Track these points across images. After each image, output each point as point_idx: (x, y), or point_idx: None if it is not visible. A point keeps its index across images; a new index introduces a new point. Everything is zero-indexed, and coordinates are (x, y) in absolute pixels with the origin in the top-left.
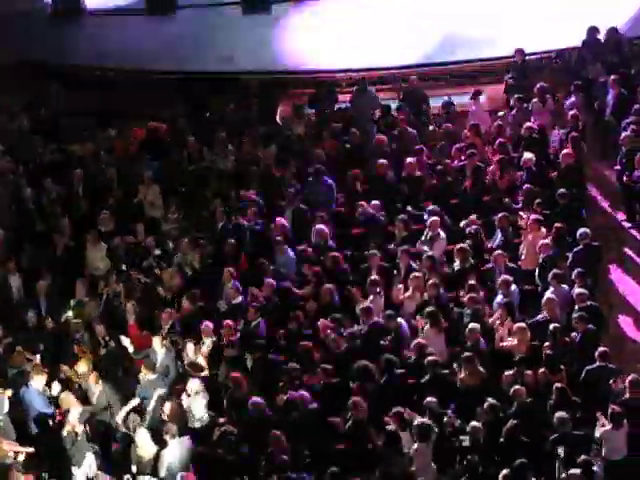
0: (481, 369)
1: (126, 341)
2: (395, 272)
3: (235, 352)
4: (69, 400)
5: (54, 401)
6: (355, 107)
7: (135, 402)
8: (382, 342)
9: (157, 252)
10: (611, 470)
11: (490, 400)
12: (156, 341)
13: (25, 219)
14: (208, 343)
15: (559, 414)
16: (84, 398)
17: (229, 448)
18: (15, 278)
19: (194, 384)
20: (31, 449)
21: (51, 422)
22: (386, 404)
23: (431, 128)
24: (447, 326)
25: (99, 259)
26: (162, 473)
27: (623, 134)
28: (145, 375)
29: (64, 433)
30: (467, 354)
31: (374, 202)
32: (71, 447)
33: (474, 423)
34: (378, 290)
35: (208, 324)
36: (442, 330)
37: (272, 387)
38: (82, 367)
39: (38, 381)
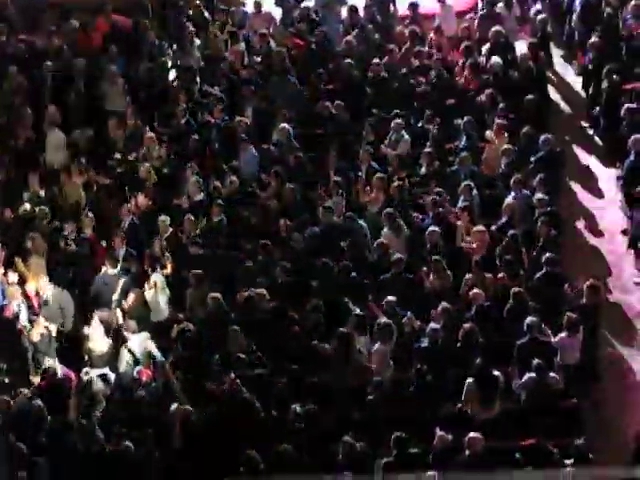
0: (448, 272)
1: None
2: (359, 174)
3: (198, 250)
4: (15, 294)
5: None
6: (321, 5)
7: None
8: (342, 243)
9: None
10: (566, 374)
11: (444, 304)
12: (118, 240)
13: None
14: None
15: (529, 319)
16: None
17: (187, 345)
18: None
19: (157, 278)
20: None
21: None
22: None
23: (398, 29)
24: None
25: (57, 150)
26: (121, 368)
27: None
28: (107, 270)
29: (36, 337)
30: (436, 257)
31: (337, 102)
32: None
33: (433, 325)
34: (340, 191)
35: (165, 219)
36: (401, 234)
37: (233, 284)
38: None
39: None
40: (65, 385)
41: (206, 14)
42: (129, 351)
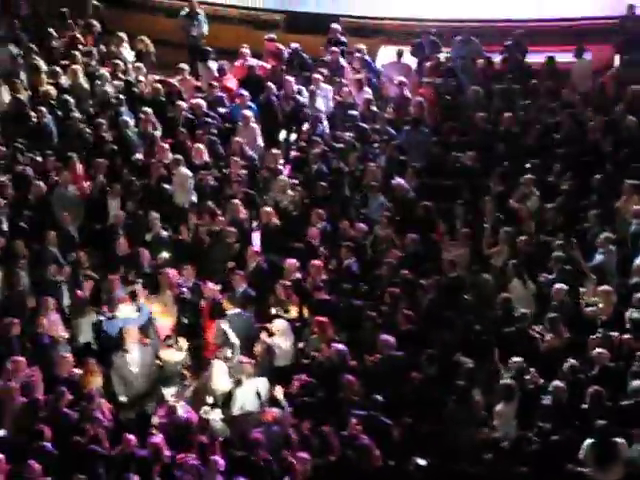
0: (565, 331)
1: None
2: (485, 226)
3: (323, 294)
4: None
5: None
6: (457, 57)
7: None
8: (465, 297)
9: None
10: None
11: (571, 361)
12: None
13: None
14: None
15: (636, 382)
16: None
17: (309, 392)
18: None
19: (280, 324)
20: None
21: None
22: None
23: (533, 82)
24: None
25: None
26: (234, 411)
27: None
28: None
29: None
30: (552, 315)
31: (469, 153)
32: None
33: (557, 382)
34: (467, 243)
35: (292, 262)
36: (526, 288)
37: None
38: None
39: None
40: (187, 424)
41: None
42: (257, 393)
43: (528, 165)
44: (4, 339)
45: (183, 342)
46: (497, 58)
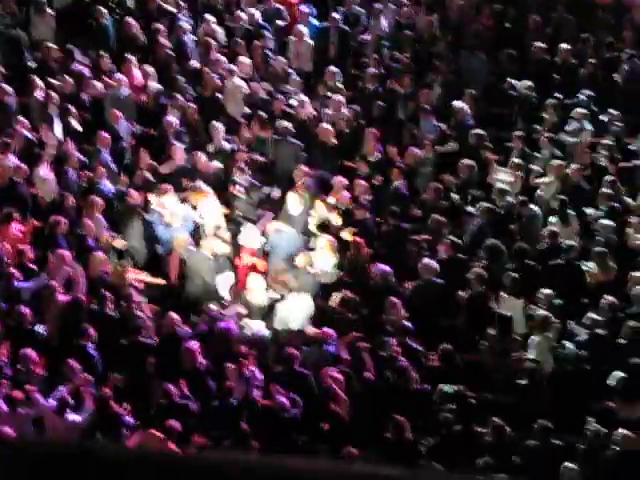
0: (612, 265)
1: None
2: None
3: (364, 214)
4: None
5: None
6: None
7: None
8: (512, 226)
9: None
10: None
11: (610, 298)
12: (291, 195)
13: None
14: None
15: None
16: None
17: (350, 310)
18: None
19: (322, 241)
20: (160, 281)
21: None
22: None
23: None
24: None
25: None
26: (275, 324)
27: None
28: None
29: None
30: (599, 249)
31: (526, 83)
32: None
33: (593, 315)
34: (519, 173)
35: (340, 179)
36: (572, 223)
37: (399, 256)
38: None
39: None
40: (227, 335)
41: None
42: (298, 309)
43: (583, 97)
44: (51, 237)
45: (228, 235)
46: None
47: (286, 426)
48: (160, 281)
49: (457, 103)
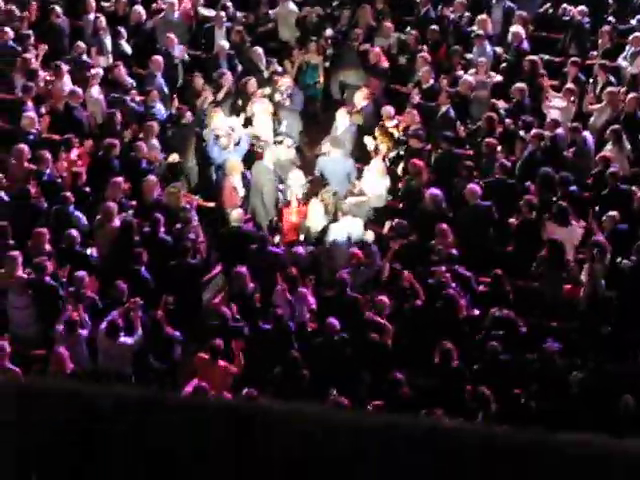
0: None
1: None
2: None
3: (421, 144)
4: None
5: None
6: None
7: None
8: (565, 153)
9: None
10: None
11: None
12: (341, 113)
13: None
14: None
15: None
16: None
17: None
18: None
19: (375, 164)
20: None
21: None
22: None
23: None
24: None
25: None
26: (327, 244)
27: None
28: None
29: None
30: None
31: (580, 8)
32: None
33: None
34: (572, 99)
35: (389, 108)
36: (624, 151)
37: (450, 179)
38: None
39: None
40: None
41: None
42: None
43: (637, 23)
44: (104, 161)
45: (290, 141)
46: None
47: (336, 351)
48: (212, 204)
49: (513, 27)
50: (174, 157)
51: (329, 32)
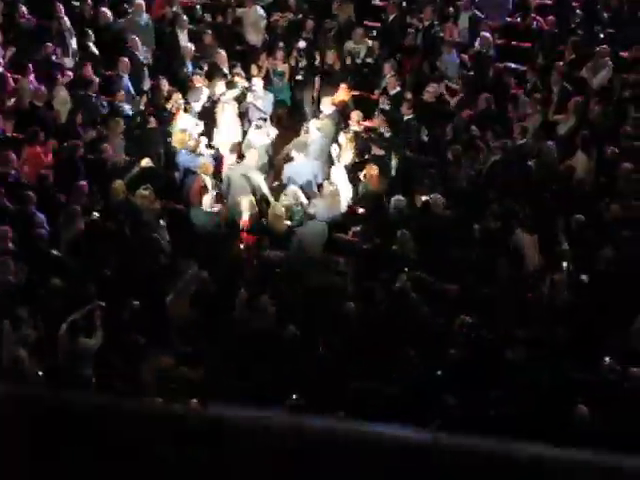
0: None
1: None
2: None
3: (382, 151)
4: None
5: None
6: None
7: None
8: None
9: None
10: None
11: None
12: (313, 123)
13: None
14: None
15: None
16: None
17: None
18: None
19: (338, 172)
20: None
21: None
22: None
23: None
24: None
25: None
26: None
27: None
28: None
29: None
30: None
31: (549, 17)
32: None
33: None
34: (538, 107)
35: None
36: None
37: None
38: None
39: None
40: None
41: None
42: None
43: (602, 36)
44: (68, 161)
45: (272, 129)
46: None
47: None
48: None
49: (482, 34)
50: (146, 161)
51: (302, 44)
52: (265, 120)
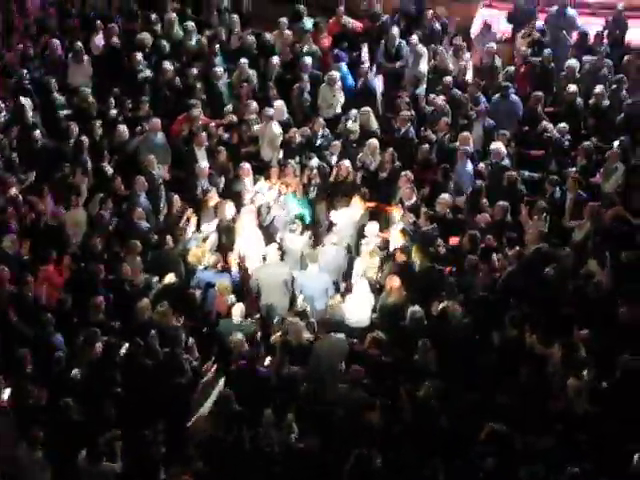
0: None
1: None
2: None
3: (404, 258)
4: None
5: None
6: (550, 28)
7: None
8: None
9: None
10: None
11: None
12: (329, 238)
13: None
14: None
15: None
16: None
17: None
18: None
19: (362, 286)
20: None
21: None
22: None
23: (626, 58)
24: None
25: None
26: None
27: None
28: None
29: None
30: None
31: (560, 125)
32: None
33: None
34: (544, 215)
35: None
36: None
37: (431, 296)
38: None
39: None
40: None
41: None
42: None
43: (616, 143)
44: (89, 284)
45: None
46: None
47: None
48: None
49: (493, 144)
50: (170, 277)
51: (314, 162)
52: (294, 222)
